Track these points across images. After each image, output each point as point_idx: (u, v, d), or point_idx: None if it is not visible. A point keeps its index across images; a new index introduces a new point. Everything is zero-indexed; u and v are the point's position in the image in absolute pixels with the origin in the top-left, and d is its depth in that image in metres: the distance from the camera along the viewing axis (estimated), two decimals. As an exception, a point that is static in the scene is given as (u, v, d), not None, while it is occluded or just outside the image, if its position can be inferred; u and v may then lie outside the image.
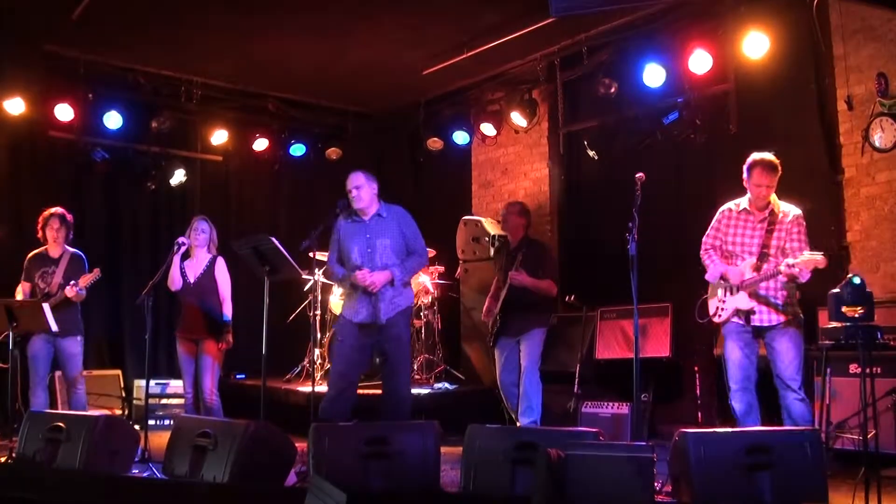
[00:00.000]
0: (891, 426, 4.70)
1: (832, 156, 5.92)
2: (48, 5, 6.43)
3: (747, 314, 4.67)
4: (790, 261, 4.39)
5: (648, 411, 6.14)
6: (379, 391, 5.39)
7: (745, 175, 4.72)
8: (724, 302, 4.77)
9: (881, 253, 5.69)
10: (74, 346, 5.92)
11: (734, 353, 4.74)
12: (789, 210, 4.70)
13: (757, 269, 4.64)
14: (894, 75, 5.62)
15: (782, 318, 4.60)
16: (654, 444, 4.63)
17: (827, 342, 4.69)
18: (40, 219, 6.04)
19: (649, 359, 6.12)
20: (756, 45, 5.98)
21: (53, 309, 5.68)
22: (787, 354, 4.58)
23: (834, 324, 4.36)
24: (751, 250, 4.71)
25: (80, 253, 6.13)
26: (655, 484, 3.97)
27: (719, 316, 4.80)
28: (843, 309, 4.26)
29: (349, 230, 5.24)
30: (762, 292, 4.65)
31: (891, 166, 5.65)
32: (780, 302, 4.62)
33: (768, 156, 4.69)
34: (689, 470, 3.72)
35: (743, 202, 4.82)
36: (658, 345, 6.21)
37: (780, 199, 4.73)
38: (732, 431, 4.08)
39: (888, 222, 5.65)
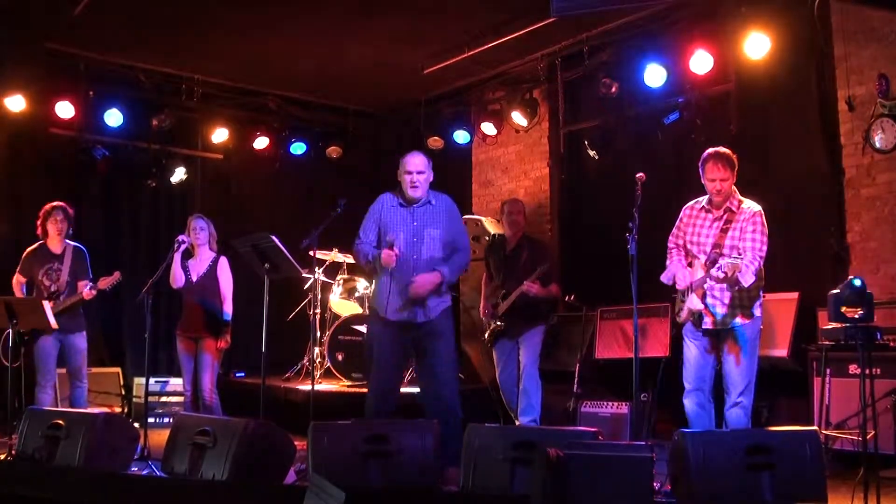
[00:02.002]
0: (890, 427, 4.69)
1: (833, 156, 5.92)
2: (49, 3, 6.43)
3: (699, 317, 4.54)
4: (720, 262, 4.26)
5: (648, 411, 6.13)
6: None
7: (700, 171, 4.58)
8: (683, 302, 4.64)
9: (881, 254, 5.68)
10: (82, 342, 5.94)
11: (691, 352, 4.63)
12: (748, 207, 4.50)
13: (707, 269, 4.44)
14: (895, 76, 5.63)
15: (729, 323, 4.46)
16: (654, 443, 4.64)
17: (826, 343, 4.68)
18: (41, 213, 5.98)
19: (649, 358, 6.11)
20: (757, 45, 5.97)
21: (64, 310, 5.74)
22: (730, 359, 4.46)
23: (833, 324, 4.36)
24: (705, 249, 4.53)
25: (81, 246, 6.11)
26: (655, 484, 3.97)
27: (679, 317, 4.69)
28: (843, 310, 4.26)
29: (393, 215, 4.73)
30: (710, 294, 4.49)
31: (891, 167, 5.64)
32: (726, 305, 4.46)
33: (721, 149, 4.55)
34: (689, 470, 3.71)
35: (704, 200, 4.66)
36: (658, 345, 6.20)
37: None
38: (732, 431, 4.08)
39: (888, 223, 5.65)
